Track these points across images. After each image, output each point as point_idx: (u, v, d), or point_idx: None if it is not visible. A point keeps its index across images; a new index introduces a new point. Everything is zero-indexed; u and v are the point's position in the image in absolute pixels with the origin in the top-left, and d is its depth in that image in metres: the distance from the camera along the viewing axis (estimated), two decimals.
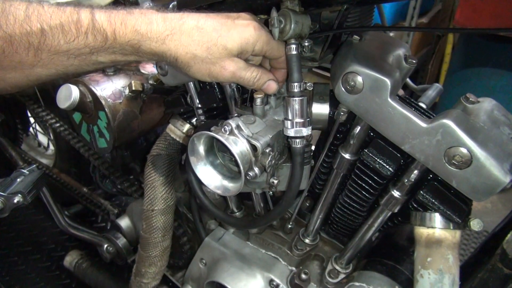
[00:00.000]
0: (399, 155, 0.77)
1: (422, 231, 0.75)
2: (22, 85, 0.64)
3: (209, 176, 0.79)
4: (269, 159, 0.72)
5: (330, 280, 0.96)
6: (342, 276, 0.96)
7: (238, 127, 0.70)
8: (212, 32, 0.64)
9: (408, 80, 0.99)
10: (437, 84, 0.97)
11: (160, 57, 0.66)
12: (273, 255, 1.04)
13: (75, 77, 1.18)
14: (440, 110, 0.70)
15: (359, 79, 0.69)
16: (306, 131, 0.72)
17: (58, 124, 1.57)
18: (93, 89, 1.17)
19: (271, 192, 1.04)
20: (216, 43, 0.64)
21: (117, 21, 0.61)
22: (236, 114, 0.86)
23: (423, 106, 0.81)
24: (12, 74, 0.61)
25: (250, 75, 0.69)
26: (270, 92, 0.75)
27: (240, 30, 0.65)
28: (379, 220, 0.84)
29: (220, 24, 0.65)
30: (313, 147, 0.94)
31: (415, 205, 0.76)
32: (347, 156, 0.82)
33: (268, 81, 0.73)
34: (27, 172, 1.23)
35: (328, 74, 0.81)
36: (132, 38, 0.62)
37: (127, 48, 0.63)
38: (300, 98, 0.70)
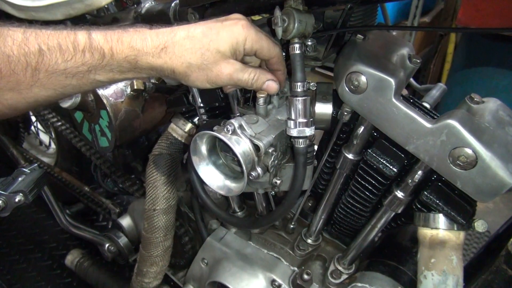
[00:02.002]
0: (403, 155, 0.76)
1: (425, 232, 0.75)
2: (20, 107, 0.63)
3: (212, 176, 0.78)
4: (272, 159, 0.71)
5: (333, 280, 0.96)
6: (344, 276, 0.96)
7: (240, 126, 0.70)
8: (202, 38, 0.65)
9: (411, 79, 0.99)
10: (440, 84, 0.97)
11: (159, 71, 0.67)
12: (275, 255, 1.04)
13: None
14: (442, 110, 0.70)
15: (363, 78, 0.68)
16: (309, 131, 0.72)
17: (59, 123, 1.57)
18: None
19: (273, 192, 1.04)
20: (209, 48, 0.65)
21: (113, 39, 0.62)
22: (238, 114, 0.85)
23: (427, 106, 0.81)
24: (10, 95, 0.60)
25: (247, 76, 0.69)
26: (271, 92, 0.74)
27: (228, 29, 0.66)
28: (382, 221, 0.84)
29: (209, 29, 0.66)
30: (316, 147, 0.94)
31: (418, 206, 0.76)
32: (350, 156, 0.82)
33: (267, 82, 0.72)
34: (29, 171, 1.22)
35: (331, 74, 0.80)
36: (129, 54, 0.63)
37: (124, 65, 0.64)
38: (303, 97, 0.70)
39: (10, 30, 0.58)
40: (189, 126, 1.06)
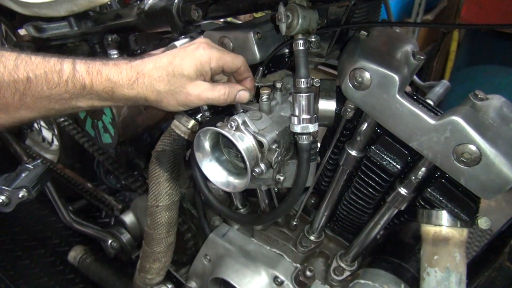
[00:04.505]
0: (406, 152, 0.76)
1: (429, 229, 0.75)
2: (7, 125, 0.70)
3: (215, 172, 0.78)
4: (275, 155, 0.71)
5: (335, 277, 0.96)
6: (347, 273, 0.96)
7: (244, 123, 0.70)
8: (168, 66, 0.70)
9: (415, 77, 0.98)
10: (444, 81, 0.97)
11: (134, 100, 0.73)
12: (277, 251, 1.04)
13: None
14: (445, 108, 0.69)
15: (367, 75, 0.68)
16: (312, 128, 0.72)
17: (62, 119, 1.57)
18: None
19: (276, 189, 1.04)
20: (174, 74, 0.70)
21: (94, 71, 0.68)
22: (242, 110, 0.85)
23: (430, 103, 0.81)
24: None
25: (217, 93, 0.74)
26: (243, 102, 0.79)
27: (191, 54, 0.71)
28: (385, 218, 0.84)
29: (173, 57, 0.71)
30: (319, 144, 0.94)
31: (422, 203, 0.76)
32: (353, 153, 0.82)
33: (238, 93, 0.77)
34: (32, 167, 1.23)
35: (333, 72, 0.80)
36: (107, 86, 0.69)
37: (102, 95, 0.70)
38: (307, 94, 0.70)
39: (3, 57, 0.63)
40: (192, 122, 1.06)
